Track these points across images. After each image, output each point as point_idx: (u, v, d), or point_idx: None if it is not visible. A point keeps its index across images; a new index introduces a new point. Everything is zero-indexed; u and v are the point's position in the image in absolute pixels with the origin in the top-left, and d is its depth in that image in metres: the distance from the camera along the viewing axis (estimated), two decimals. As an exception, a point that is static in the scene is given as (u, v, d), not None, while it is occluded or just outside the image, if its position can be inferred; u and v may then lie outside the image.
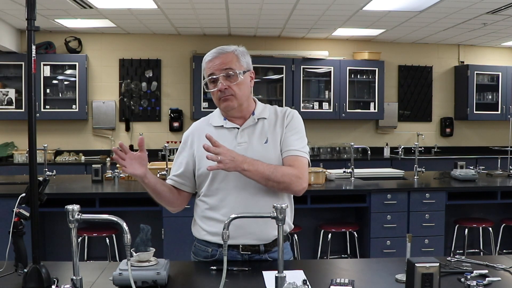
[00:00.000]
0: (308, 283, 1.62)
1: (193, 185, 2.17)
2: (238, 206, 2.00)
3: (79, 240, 4.04)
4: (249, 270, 1.96)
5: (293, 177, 2.00)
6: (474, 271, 1.89)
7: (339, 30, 7.06)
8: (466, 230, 4.61)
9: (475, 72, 7.81)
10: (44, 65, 6.81)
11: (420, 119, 8.08)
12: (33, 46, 1.67)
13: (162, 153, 6.88)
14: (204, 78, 2.10)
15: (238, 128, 2.10)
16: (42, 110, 6.80)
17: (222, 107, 2.09)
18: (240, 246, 2.05)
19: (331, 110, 7.41)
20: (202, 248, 2.13)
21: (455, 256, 2.14)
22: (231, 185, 2.03)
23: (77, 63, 6.93)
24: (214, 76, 2.03)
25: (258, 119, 2.12)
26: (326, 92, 7.47)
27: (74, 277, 1.63)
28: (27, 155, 6.22)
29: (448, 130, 8.10)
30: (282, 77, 7.28)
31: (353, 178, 4.92)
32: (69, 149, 7.14)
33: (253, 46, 7.40)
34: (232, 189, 2.03)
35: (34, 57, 1.67)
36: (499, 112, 7.86)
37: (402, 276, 1.80)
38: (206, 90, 2.10)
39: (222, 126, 2.12)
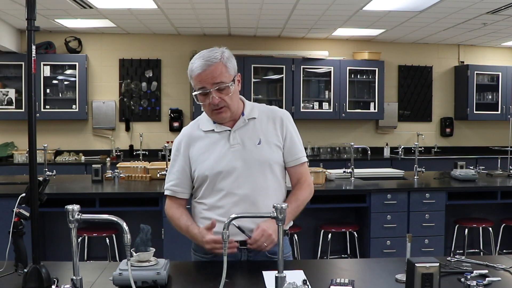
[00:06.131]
0: (308, 283, 1.62)
1: (191, 190, 2.17)
2: (236, 206, 2.01)
3: (79, 240, 4.04)
4: (249, 270, 1.96)
5: (309, 194, 2.16)
6: (474, 271, 1.88)
7: (339, 30, 7.06)
8: (466, 230, 4.61)
9: (475, 72, 7.80)
10: (44, 65, 6.81)
11: (420, 119, 8.07)
12: (33, 46, 1.67)
13: (162, 153, 6.88)
14: (193, 88, 2.07)
15: (229, 130, 2.09)
16: (42, 110, 6.80)
17: (215, 119, 2.08)
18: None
19: (331, 110, 7.40)
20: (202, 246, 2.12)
21: (455, 256, 2.14)
22: (229, 185, 2.03)
23: (77, 63, 6.93)
24: (206, 90, 2.01)
25: (248, 119, 2.12)
26: (326, 92, 7.47)
27: (74, 277, 1.63)
28: (27, 155, 6.23)
29: (448, 130, 8.10)
30: (282, 77, 7.27)
31: (353, 178, 4.92)
32: (69, 149, 7.14)
33: (253, 46, 7.40)
34: (230, 189, 2.03)
35: (34, 57, 1.67)
36: (499, 112, 7.86)
37: (402, 276, 1.80)
38: (197, 102, 2.06)
39: (213, 130, 2.11)
